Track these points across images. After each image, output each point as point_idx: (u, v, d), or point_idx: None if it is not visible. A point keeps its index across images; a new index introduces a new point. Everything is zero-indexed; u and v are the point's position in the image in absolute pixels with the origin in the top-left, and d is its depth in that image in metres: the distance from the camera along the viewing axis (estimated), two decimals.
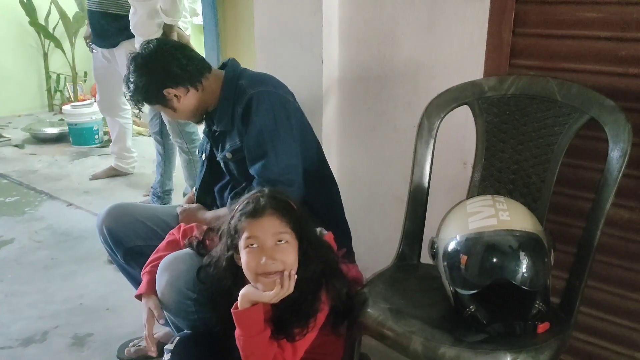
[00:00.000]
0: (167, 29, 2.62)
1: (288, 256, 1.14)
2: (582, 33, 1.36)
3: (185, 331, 1.37)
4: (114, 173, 3.59)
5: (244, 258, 1.15)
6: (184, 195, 2.84)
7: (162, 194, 2.93)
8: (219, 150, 1.62)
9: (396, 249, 1.50)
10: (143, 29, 2.61)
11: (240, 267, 1.18)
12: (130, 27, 2.71)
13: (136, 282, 1.69)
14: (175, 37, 2.63)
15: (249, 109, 1.49)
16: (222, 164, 1.63)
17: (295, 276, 1.14)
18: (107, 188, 3.42)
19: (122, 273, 1.73)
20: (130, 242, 1.59)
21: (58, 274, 2.36)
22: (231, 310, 1.15)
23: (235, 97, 1.53)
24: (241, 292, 1.15)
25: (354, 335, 1.30)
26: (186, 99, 1.55)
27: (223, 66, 1.64)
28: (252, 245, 1.14)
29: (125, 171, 3.60)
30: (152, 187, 2.97)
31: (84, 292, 2.20)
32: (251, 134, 1.49)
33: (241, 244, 1.16)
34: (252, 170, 1.50)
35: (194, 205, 1.72)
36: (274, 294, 1.11)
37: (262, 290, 1.13)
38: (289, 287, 1.12)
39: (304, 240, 1.18)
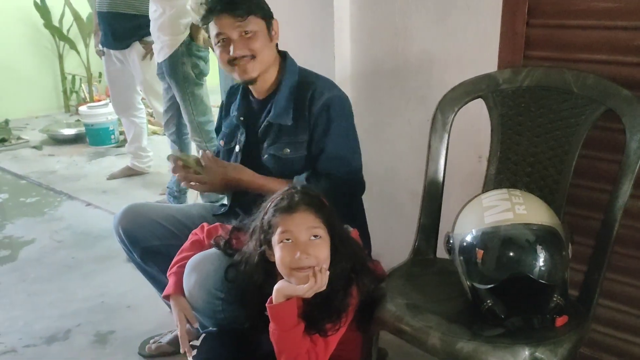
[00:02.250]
0: (195, 29, 2.61)
1: (321, 251, 1.16)
2: (598, 23, 1.34)
3: (210, 328, 1.38)
4: (130, 172, 3.63)
5: (277, 253, 1.17)
6: (201, 194, 2.85)
7: (179, 193, 2.96)
8: (266, 143, 1.55)
9: (412, 244, 1.50)
10: (170, 29, 2.59)
11: (272, 263, 1.19)
12: (153, 28, 2.68)
13: (154, 280, 1.72)
14: (201, 38, 2.64)
15: (328, 111, 1.48)
16: (265, 157, 1.55)
17: (328, 272, 1.16)
18: (124, 187, 3.47)
19: (141, 272, 1.75)
20: (147, 242, 1.60)
21: (79, 272, 2.40)
22: (266, 304, 1.16)
23: (298, 91, 1.52)
24: (276, 286, 1.17)
25: (372, 330, 1.30)
26: (273, 45, 1.53)
27: None
28: (286, 240, 1.16)
29: (141, 170, 3.64)
30: (168, 187, 3.00)
31: (105, 290, 2.24)
32: (332, 137, 1.49)
33: (275, 239, 1.17)
34: (323, 168, 1.50)
35: (233, 164, 1.59)
36: (308, 287, 1.13)
37: (296, 285, 1.15)
38: (323, 281, 1.14)
39: (336, 236, 1.20)
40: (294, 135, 1.52)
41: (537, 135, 1.38)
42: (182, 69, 2.62)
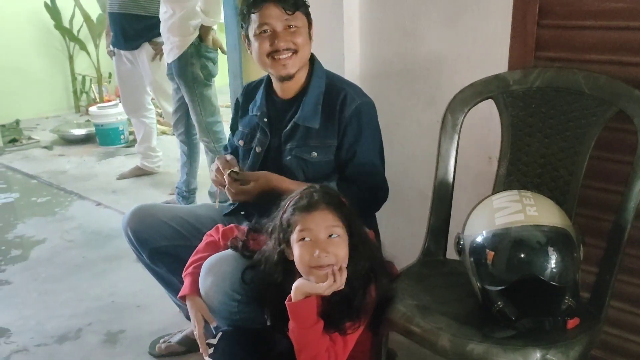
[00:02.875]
0: (204, 30, 2.62)
1: (340, 250, 1.17)
2: (608, 24, 1.33)
3: (226, 327, 1.39)
4: (140, 172, 3.66)
5: (296, 251, 1.18)
6: (210, 193, 2.87)
7: (188, 193, 2.98)
8: (289, 145, 1.52)
9: (422, 245, 1.50)
10: (179, 30, 2.61)
11: (291, 262, 1.20)
12: (163, 29, 2.70)
13: (163, 280, 1.73)
14: (210, 39, 2.65)
15: (359, 118, 1.48)
16: (289, 159, 1.52)
17: (346, 270, 1.16)
18: (134, 187, 3.49)
19: (150, 272, 1.76)
20: (155, 243, 1.61)
21: (89, 272, 2.42)
22: (286, 302, 1.17)
23: (328, 95, 1.51)
24: (295, 284, 1.17)
25: (382, 331, 1.30)
26: (311, 45, 1.53)
27: None
28: (305, 238, 1.17)
29: (150, 170, 3.67)
30: (177, 187, 3.02)
31: (115, 289, 2.26)
32: (363, 144, 1.49)
33: (294, 237, 1.18)
34: (353, 174, 1.50)
35: (262, 172, 1.54)
36: (327, 286, 1.14)
37: (315, 283, 1.15)
38: (341, 280, 1.15)
39: (354, 235, 1.21)
40: (322, 139, 1.50)
41: (548, 136, 1.37)
42: (191, 70, 2.64)
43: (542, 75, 1.37)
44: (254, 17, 1.45)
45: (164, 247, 1.62)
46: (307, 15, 1.50)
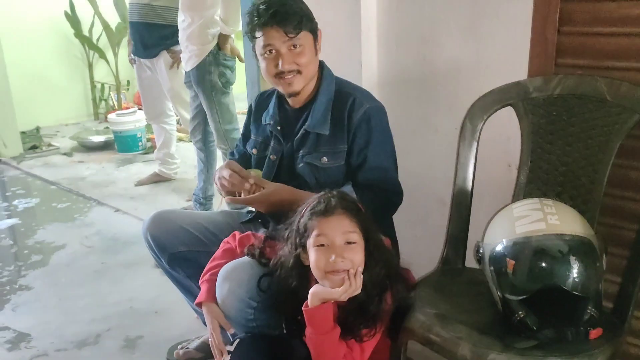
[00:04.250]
0: (222, 39, 2.65)
1: (356, 255, 1.17)
2: (630, 30, 1.31)
3: (243, 334, 1.40)
4: (157, 179, 3.69)
5: (313, 256, 1.18)
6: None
7: (204, 199, 3.00)
8: (302, 152, 1.54)
9: (440, 253, 1.49)
10: (198, 39, 2.64)
11: (307, 267, 1.20)
12: (181, 37, 2.73)
13: (182, 286, 1.74)
14: (229, 48, 2.68)
15: (368, 122, 1.49)
16: (301, 166, 1.53)
17: (362, 275, 1.16)
18: (152, 193, 3.52)
19: (169, 277, 1.77)
20: (174, 248, 1.63)
21: (108, 278, 2.45)
22: (302, 308, 1.17)
23: (336, 100, 1.52)
24: (311, 290, 1.18)
25: (401, 339, 1.29)
26: (317, 59, 1.53)
27: None
28: (322, 243, 1.17)
29: (168, 177, 3.70)
30: (194, 194, 3.04)
31: (133, 295, 2.28)
32: (373, 148, 1.50)
33: (310, 242, 1.19)
34: (365, 178, 1.50)
35: (276, 184, 1.52)
36: (342, 290, 1.14)
37: (330, 288, 1.15)
38: (357, 285, 1.15)
39: (371, 241, 1.20)
40: (332, 145, 1.51)
41: (569, 144, 1.36)
42: (210, 78, 2.66)
43: (563, 83, 1.36)
44: (258, 39, 1.47)
45: (182, 252, 1.63)
46: (312, 31, 1.49)
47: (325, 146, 1.51)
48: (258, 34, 1.45)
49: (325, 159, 1.51)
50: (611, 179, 1.30)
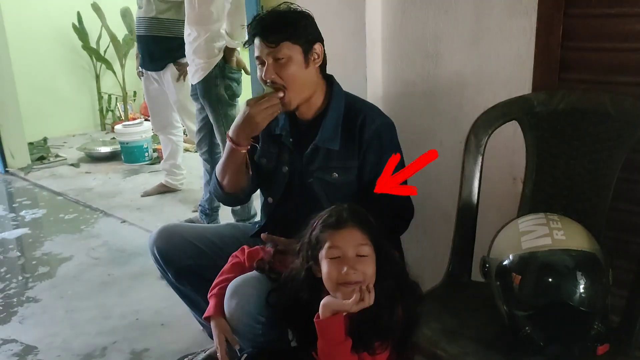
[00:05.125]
0: (228, 52, 2.68)
1: (368, 267, 1.17)
2: (633, 45, 1.32)
3: (251, 349, 1.40)
4: (163, 189, 3.71)
5: (325, 268, 1.19)
6: (233, 211, 2.89)
7: (210, 211, 3.01)
8: (312, 166, 1.53)
9: (446, 267, 1.49)
10: (204, 53, 2.66)
11: (319, 279, 1.21)
12: (188, 51, 2.76)
13: (188, 299, 1.75)
14: (234, 61, 2.71)
15: (380, 138, 1.50)
16: (311, 180, 1.53)
17: (374, 290, 1.17)
18: (158, 204, 3.54)
19: (175, 291, 1.78)
20: (180, 262, 1.63)
21: (115, 290, 2.46)
22: (314, 319, 1.18)
23: (347, 116, 1.52)
24: (322, 302, 1.18)
25: (408, 355, 1.29)
26: (314, 69, 1.50)
27: None
28: (334, 255, 1.18)
29: (174, 187, 3.72)
30: (200, 205, 3.05)
31: (140, 307, 2.29)
32: (385, 164, 1.50)
33: (322, 254, 1.19)
34: (377, 193, 1.50)
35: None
36: (353, 302, 1.14)
37: (342, 299, 1.16)
38: (369, 299, 1.15)
39: (382, 254, 1.21)
40: (342, 160, 1.51)
41: (574, 158, 1.37)
42: (216, 91, 2.68)
43: (567, 97, 1.36)
44: (252, 48, 1.49)
45: (189, 266, 1.64)
46: (302, 43, 1.45)
47: (335, 162, 1.52)
48: (252, 45, 1.48)
49: (335, 174, 1.52)
50: (616, 192, 1.30)
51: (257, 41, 1.46)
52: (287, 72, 1.45)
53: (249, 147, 1.53)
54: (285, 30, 1.44)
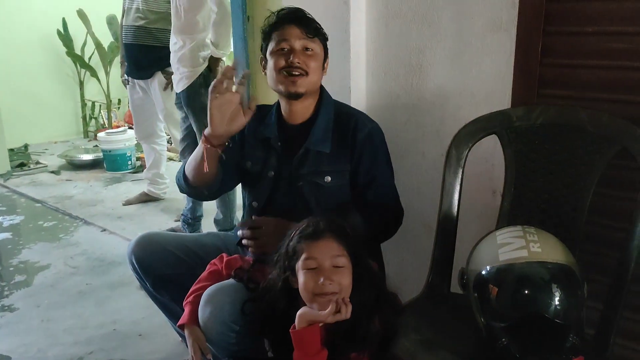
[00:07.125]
0: (213, 62, 2.69)
1: (344, 279, 1.18)
2: (610, 63, 1.36)
3: (225, 358, 1.39)
4: (146, 198, 3.68)
5: (301, 279, 1.19)
6: (215, 221, 2.88)
7: (193, 220, 2.99)
8: (302, 170, 1.53)
9: (425, 278, 1.50)
10: (189, 62, 2.67)
11: (295, 290, 1.21)
12: (173, 59, 2.76)
13: (166, 309, 1.73)
14: (219, 70, 2.71)
15: (372, 141, 1.53)
16: (301, 184, 1.52)
17: (350, 303, 1.17)
18: (140, 213, 3.51)
19: (153, 300, 1.76)
20: (159, 271, 1.61)
21: (92, 299, 2.42)
22: (290, 330, 1.17)
23: (338, 120, 1.54)
24: (299, 312, 1.18)
25: None
26: (322, 76, 1.56)
27: None
28: (310, 266, 1.18)
29: (157, 196, 3.69)
30: (182, 214, 3.03)
31: (118, 317, 2.25)
32: (380, 166, 1.55)
33: (299, 264, 1.19)
34: (375, 197, 1.54)
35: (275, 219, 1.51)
36: (329, 313, 1.14)
37: (318, 310, 1.16)
38: (347, 312, 1.15)
39: (360, 264, 1.22)
40: (334, 164, 1.52)
41: (551, 172, 1.39)
42: (200, 100, 2.68)
43: (545, 113, 1.39)
44: (274, 35, 1.50)
45: (167, 275, 1.62)
46: (325, 47, 1.56)
47: (327, 165, 1.52)
48: (277, 30, 1.50)
49: (328, 178, 1.52)
50: (593, 207, 1.33)
51: (290, 28, 1.48)
52: (313, 63, 1.50)
53: (216, 145, 1.50)
54: (320, 29, 1.53)
